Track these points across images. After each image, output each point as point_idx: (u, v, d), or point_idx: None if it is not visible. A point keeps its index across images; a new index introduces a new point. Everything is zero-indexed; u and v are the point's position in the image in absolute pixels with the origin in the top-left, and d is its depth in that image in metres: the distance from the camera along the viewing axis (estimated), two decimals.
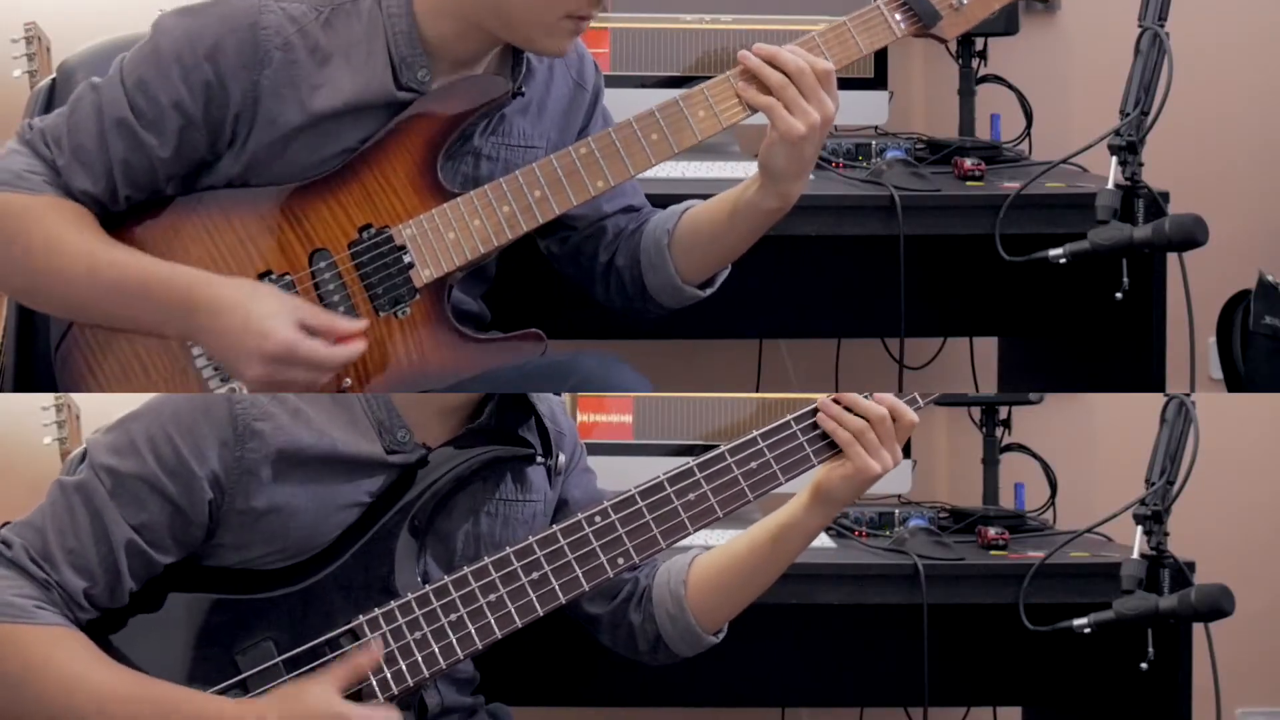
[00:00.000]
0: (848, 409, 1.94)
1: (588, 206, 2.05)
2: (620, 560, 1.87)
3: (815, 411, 1.96)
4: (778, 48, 2.00)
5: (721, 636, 2.06)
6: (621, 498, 1.89)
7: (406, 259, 1.97)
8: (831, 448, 1.95)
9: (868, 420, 1.93)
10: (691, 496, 1.90)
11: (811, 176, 2.74)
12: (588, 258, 2.20)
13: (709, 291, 2.18)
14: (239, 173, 1.96)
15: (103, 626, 1.80)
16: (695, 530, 1.90)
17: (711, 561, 2.03)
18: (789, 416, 1.96)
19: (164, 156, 1.94)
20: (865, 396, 1.95)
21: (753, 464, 1.92)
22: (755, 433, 1.94)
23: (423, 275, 1.97)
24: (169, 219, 1.96)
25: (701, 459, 1.92)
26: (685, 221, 2.14)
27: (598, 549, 1.86)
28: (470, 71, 2.01)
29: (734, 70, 2.02)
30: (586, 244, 2.19)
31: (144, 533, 1.79)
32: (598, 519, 1.88)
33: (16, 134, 1.98)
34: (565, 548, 1.86)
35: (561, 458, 2.02)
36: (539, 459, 1.96)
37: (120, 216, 1.96)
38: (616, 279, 2.19)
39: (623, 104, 2.13)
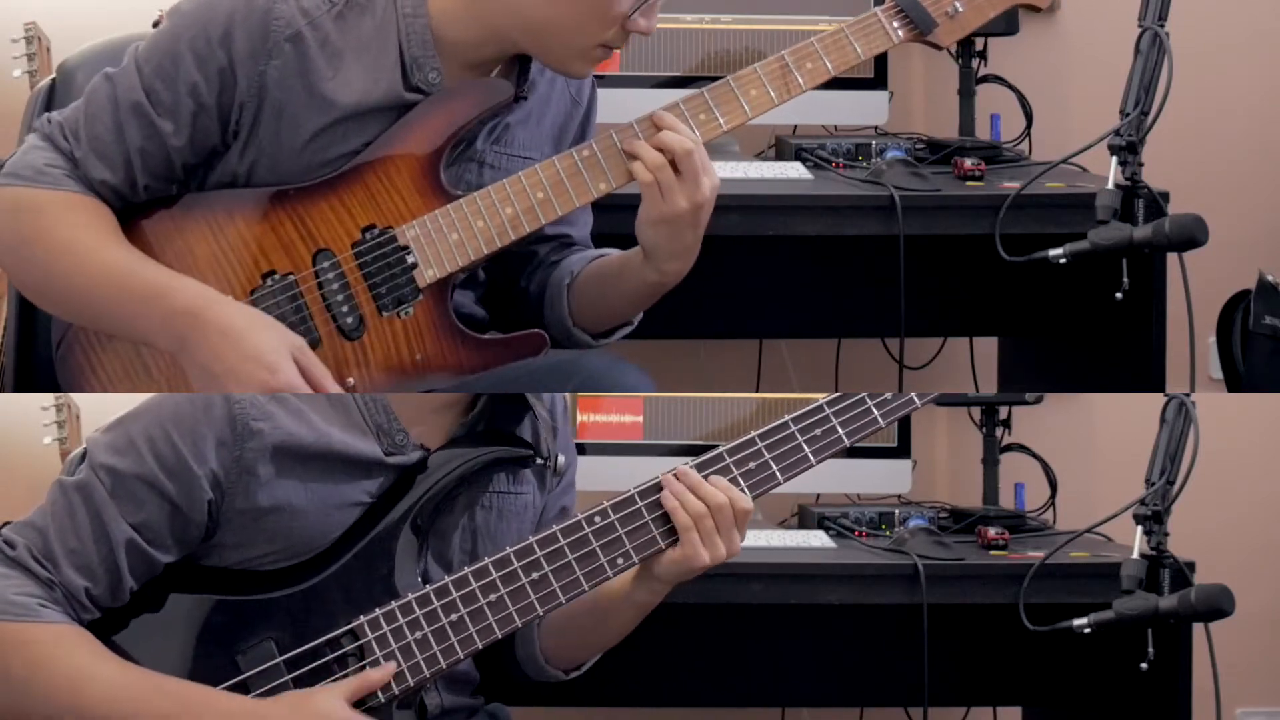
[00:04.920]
0: (691, 489, 1.87)
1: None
2: (620, 561, 1.87)
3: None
4: (668, 125, 1.95)
5: (572, 676, 2.05)
6: (621, 498, 1.89)
7: (410, 259, 1.97)
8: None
9: (707, 506, 1.86)
10: None
11: (811, 177, 2.77)
12: (509, 278, 2.18)
13: (603, 343, 2.13)
14: (246, 168, 1.96)
15: (105, 627, 1.80)
16: None
17: (566, 608, 1.95)
18: (786, 417, 1.95)
19: (178, 144, 1.94)
20: (704, 476, 1.88)
21: (751, 465, 1.92)
22: (754, 433, 1.93)
23: (426, 275, 1.98)
24: (174, 217, 1.97)
25: (700, 460, 1.91)
26: (590, 268, 2.11)
27: (597, 549, 1.86)
28: (478, 76, 2.01)
29: (736, 74, 2.02)
30: (513, 263, 2.17)
31: (144, 531, 1.79)
32: (597, 519, 1.87)
33: (34, 129, 1.98)
34: (565, 548, 1.86)
35: (562, 459, 2.02)
36: (538, 460, 1.96)
37: (126, 214, 1.96)
38: (524, 302, 2.17)
39: (629, 104, 2.13)
